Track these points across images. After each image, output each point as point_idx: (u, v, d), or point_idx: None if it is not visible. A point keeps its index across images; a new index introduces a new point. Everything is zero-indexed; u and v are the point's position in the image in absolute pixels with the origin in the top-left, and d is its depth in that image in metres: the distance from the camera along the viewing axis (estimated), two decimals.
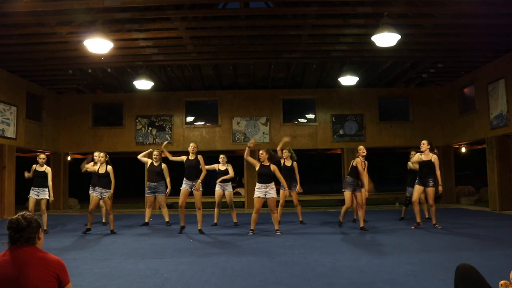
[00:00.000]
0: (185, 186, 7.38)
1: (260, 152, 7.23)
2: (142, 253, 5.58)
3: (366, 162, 7.55)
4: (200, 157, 7.49)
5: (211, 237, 7.03)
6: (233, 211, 8.69)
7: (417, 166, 7.94)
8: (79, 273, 4.33)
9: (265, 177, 7.09)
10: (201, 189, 7.40)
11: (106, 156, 7.67)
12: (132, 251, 5.76)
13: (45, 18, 8.22)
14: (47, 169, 7.85)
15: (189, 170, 7.39)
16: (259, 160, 7.25)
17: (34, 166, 7.85)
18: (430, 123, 14.26)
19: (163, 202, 8.65)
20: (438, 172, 7.46)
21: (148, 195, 8.75)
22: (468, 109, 12.76)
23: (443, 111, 14.17)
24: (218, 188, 8.56)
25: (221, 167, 8.62)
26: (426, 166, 7.49)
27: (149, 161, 8.66)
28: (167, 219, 8.71)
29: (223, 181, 8.49)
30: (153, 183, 8.55)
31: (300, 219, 8.77)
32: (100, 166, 7.61)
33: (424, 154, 7.56)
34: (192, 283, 3.93)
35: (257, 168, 7.15)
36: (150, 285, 3.88)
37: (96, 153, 8.20)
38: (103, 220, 8.90)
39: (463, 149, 15.23)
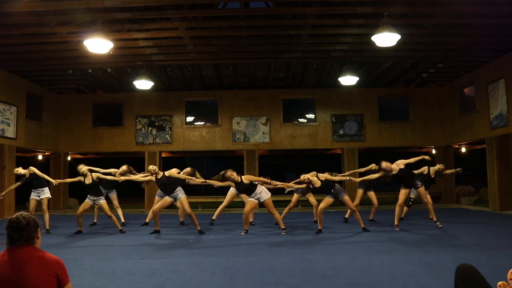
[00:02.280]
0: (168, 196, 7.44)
1: (229, 173, 7.02)
2: (142, 253, 5.58)
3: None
4: (171, 173, 7.44)
5: (211, 237, 7.03)
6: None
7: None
8: (79, 273, 4.33)
9: (247, 191, 7.16)
10: (184, 195, 7.39)
11: (86, 168, 7.60)
12: (132, 251, 5.76)
13: (45, 18, 8.22)
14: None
15: (162, 188, 7.49)
16: (229, 180, 7.10)
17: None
18: (430, 123, 14.26)
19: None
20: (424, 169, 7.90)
21: (158, 197, 8.41)
22: (468, 109, 12.76)
23: (443, 111, 14.17)
24: (232, 190, 8.26)
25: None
26: (405, 175, 7.47)
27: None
28: (181, 219, 8.74)
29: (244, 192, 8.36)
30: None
31: (315, 219, 8.74)
32: (85, 177, 7.48)
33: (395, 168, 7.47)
34: (192, 283, 3.93)
35: (234, 189, 7.24)
36: (150, 285, 3.88)
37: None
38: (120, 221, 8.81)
39: (463, 149, 15.22)
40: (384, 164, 7.36)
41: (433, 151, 14.44)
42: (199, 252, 5.65)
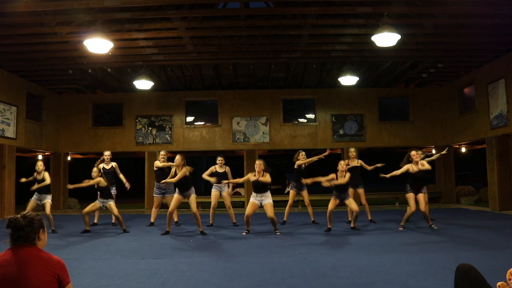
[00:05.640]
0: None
1: (257, 163, 7.13)
2: (142, 253, 5.58)
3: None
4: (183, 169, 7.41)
5: (211, 237, 7.03)
6: (231, 211, 8.63)
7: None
8: (79, 273, 4.33)
9: (260, 188, 7.09)
10: (194, 193, 7.35)
11: (99, 172, 7.61)
12: (132, 251, 5.76)
13: (45, 18, 8.22)
14: (45, 175, 7.77)
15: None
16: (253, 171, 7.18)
17: (35, 174, 7.82)
18: (430, 123, 14.26)
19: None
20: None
21: (156, 195, 8.57)
22: (468, 109, 12.77)
23: (443, 111, 14.17)
24: (214, 190, 8.49)
25: (219, 169, 8.50)
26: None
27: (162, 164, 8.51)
28: (176, 219, 8.63)
29: (219, 182, 8.42)
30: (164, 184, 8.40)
31: (312, 219, 8.73)
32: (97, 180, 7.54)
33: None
34: (192, 283, 3.93)
35: (252, 179, 7.12)
36: (150, 285, 3.88)
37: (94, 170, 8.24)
38: (113, 221, 8.84)
39: (463, 149, 15.23)
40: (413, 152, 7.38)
41: (433, 151, 14.45)
42: (199, 252, 5.66)
